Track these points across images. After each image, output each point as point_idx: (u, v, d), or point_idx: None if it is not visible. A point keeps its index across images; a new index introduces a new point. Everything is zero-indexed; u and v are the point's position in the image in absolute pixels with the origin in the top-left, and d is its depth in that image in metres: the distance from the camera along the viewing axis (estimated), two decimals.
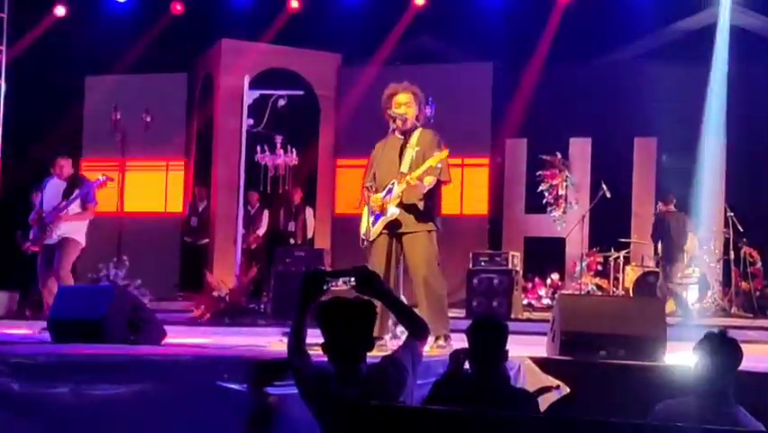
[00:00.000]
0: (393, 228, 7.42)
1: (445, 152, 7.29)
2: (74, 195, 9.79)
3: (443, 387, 4.74)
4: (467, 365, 4.83)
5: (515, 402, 4.62)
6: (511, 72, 14.70)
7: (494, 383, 4.68)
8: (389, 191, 7.41)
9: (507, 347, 4.77)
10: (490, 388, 4.62)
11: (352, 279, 4.60)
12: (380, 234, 7.43)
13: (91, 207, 9.95)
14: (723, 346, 4.53)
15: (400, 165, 7.44)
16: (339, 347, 4.33)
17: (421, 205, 7.40)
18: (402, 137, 7.56)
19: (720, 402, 4.46)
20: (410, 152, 7.44)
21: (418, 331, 4.69)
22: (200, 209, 14.77)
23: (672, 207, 13.09)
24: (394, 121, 7.54)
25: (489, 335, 4.74)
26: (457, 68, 14.80)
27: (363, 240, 7.54)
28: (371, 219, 7.46)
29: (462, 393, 4.59)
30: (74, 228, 9.82)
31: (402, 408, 3.83)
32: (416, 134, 7.52)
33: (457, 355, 4.89)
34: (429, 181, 7.31)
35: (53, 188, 9.99)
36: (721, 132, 14.33)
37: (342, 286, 4.62)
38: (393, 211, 7.37)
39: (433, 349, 6.79)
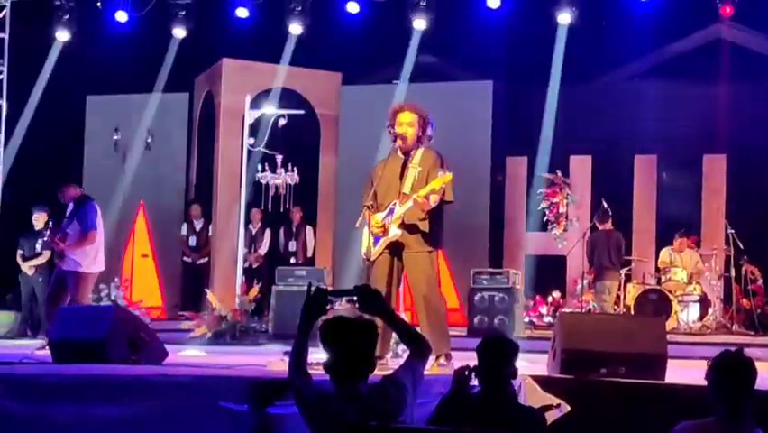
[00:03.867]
0: (394, 248, 7.44)
1: (449, 175, 7.30)
2: (68, 220, 9.78)
3: (449, 405, 4.73)
4: (472, 382, 4.83)
5: (522, 420, 4.62)
6: (511, 90, 14.72)
7: (502, 401, 4.68)
8: (391, 212, 7.42)
9: (516, 366, 4.78)
10: (498, 405, 4.62)
11: (355, 298, 4.60)
12: (381, 253, 7.45)
13: (91, 235, 9.72)
14: (740, 366, 4.44)
15: (402, 185, 7.46)
16: (340, 367, 4.33)
17: (422, 225, 7.41)
18: (403, 156, 7.57)
19: (740, 424, 4.34)
20: (412, 172, 7.45)
21: (420, 350, 4.68)
22: (197, 228, 14.77)
23: (608, 226, 13.29)
24: (395, 139, 7.56)
25: (499, 352, 4.75)
26: (457, 86, 14.84)
27: (364, 259, 7.55)
28: (372, 239, 7.47)
29: (470, 411, 4.59)
30: (78, 259, 9.68)
31: (401, 428, 3.83)
32: (418, 154, 7.54)
33: (462, 373, 4.88)
34: (434, 200, 7.33)
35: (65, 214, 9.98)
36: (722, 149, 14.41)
37: (344, 305, 4.62)
38: (395, 232, 7.39)
39: (434, 368, 6.80)
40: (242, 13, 14.65)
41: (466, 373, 4.84)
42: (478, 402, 4.70)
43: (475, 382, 4.83)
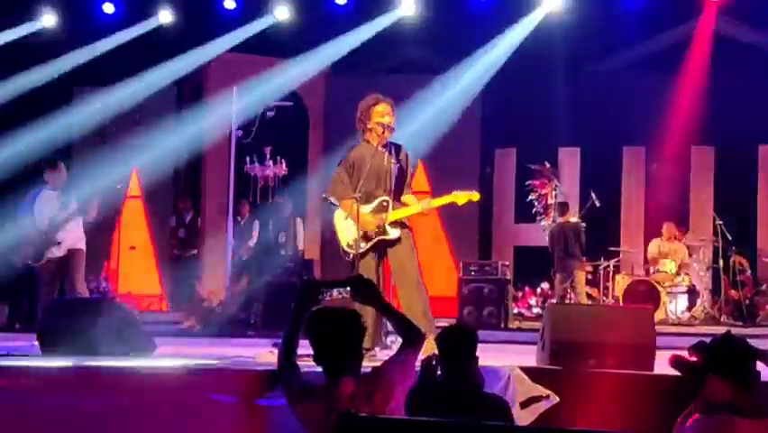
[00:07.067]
0: (385, 244, 7.45)
1: (477, 195, 7.60)
2: (73, 202, 9.48)
3: (417, 394, 4.73)
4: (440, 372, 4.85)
5: (486, 408, 4.62)
6: (500, 82, 14.71)
7: (466, 389, 4.69)
8: (383, 209, 7.41)
9: (477, 353, 4.80)
10: (462, 394, 4.63)
11: (348, 288, 4.59)
12: (370, 249, 7.43)
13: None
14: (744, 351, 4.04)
15: (390, 182, 7.46)
16: (326, 358, 4.33)
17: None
18: (383, 150, 7.56)
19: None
20: (393, 168, 7.48)
21: (413, 339, 4.65)
22: (186, 221, 14.74)
23: (566, 218, 13.40)
24: (380, 132, 7.52)
25: (458, 341, 4.77)
26: (446, 78, 14.84)
27: (347, 252, 7.48)
28: (360, 233, 7.37)
29: (435, 400, 4.60)
30: (78, 237, 9.56)
31: (388, 418, 3.83)
32: (393, 148, 7.59)
33: (429, 362, 4.89)
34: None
35: (49, 201, 9.64)
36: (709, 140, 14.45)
37: (336, 296, 4.61)
38: (395, 234, 7.41)
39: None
40: (229, 4, 14.62)
41: (433, 362, 4.86)
42: (442, 390, 4.72)
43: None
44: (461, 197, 7.32)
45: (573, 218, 13.54)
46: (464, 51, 14.30)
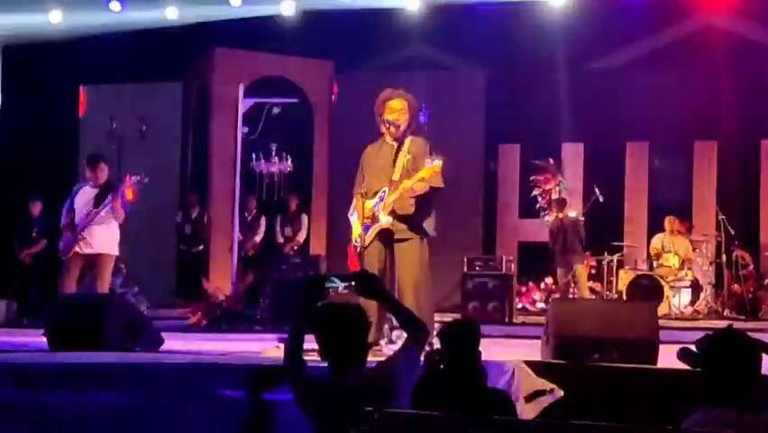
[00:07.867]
0: (385, 237, 7.46)
1: (438, 164, 7.23)
2: (107, 201, 9.56)
3: (421, 388, 4.77)
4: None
5: (489, 402, 4.66)
6: (504, 78, 14.75)
7: (468, 384, 4.72)
8: (381, 199, 7.44)
9: (480, 348, 4.83)
10: (465, 388, 4.67)
11: (353, 283, 4.62)
12: (372, 241, 7.46)
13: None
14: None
15: (397, 175, 7.46)
16: (331, 353, 4.37)
17: (411, 212, 7.42)
18: (395, 144, 7.58)
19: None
20: (402, 160, 7.46)
21: (417, 334, 4.70)
22: (193, 216, 14.77)
23: (567, 213, 13.52)
24: (387, 127, 7.55)
25: (461, 336, 4.80)
26: (450, 74, 14.87)
27: (355, 247, 7.55)
28: (362, 227, 7.47)
29: (438, 394, 4.64)
30: (109, 240, 9.62)
31: (393, 412, 3.87)
32: (407, 142, 7.54)
33: (432, 357, 4.92)
34: (420, 186, 7.30)
35: (85, 195, 9.74)
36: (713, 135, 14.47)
37: (342, 291, 4.64)
38: (387, 219, 7.40)
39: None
40: (235, 1, 14.64)
41: (436, 357, 4.89)
42: (445, 385, 4.75)
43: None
44: (427, 171, 7.23)
45: (572, 213, 13.60)
46: (469, 47, 14.36)
